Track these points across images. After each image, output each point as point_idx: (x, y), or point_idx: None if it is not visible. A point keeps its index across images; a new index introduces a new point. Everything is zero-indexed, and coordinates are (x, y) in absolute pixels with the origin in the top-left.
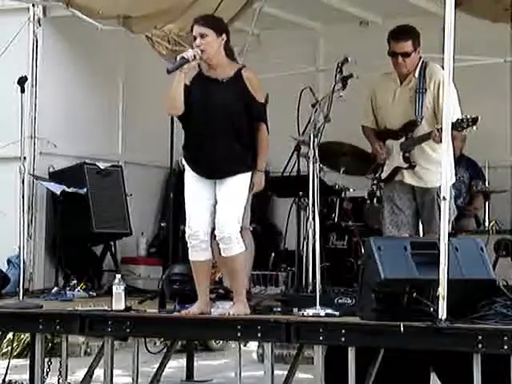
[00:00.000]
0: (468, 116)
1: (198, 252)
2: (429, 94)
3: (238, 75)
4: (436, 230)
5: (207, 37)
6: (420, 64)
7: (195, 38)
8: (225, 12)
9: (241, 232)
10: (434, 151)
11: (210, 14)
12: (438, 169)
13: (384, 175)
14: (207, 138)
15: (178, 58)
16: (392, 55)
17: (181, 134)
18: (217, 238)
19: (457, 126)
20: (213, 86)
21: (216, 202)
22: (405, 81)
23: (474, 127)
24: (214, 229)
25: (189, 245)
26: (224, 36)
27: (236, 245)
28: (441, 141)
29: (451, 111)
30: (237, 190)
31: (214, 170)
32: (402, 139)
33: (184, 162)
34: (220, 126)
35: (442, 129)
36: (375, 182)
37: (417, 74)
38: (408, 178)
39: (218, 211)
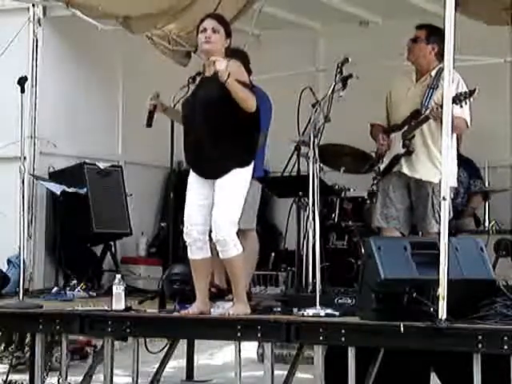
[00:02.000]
0: (466, 90)
1: (194, 251)
2: (440, 90)
3: None
4: (429, 228)
5: (218, 34)
6: (438, 67)
7: (205, 30)
8: (225, 12)
9: (246, 234)
10: (438, 149)
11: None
12: (435, 165)
13: (383, 166)
14: (196, 135)
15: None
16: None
17: (181, 134)
18: (213, 241)
19: (455, 100)
20: (203, 83)
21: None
22: (421, 79)
23: (472, 99)
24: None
25: (186, 243)
26: (228, 41)
27: (232, 247)
28: (438, 116)
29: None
30: (231, 190)
31: (206, 168)
32: (405, 128)
33: (185, 161)
34: (206, 121)
35: (441, 105)
36: (375, 175)
37: (433, 73)
38: (405, 168)
39: (213, 214)
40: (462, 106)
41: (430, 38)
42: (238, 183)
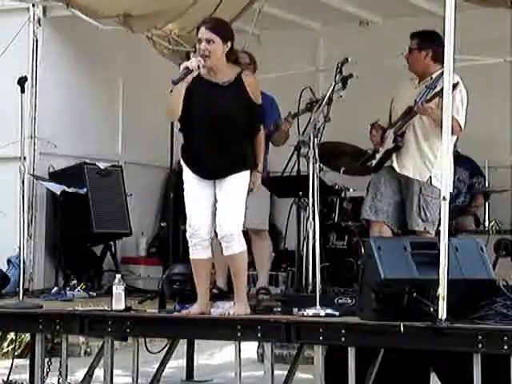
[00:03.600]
0: None
1: (199, 251)
2: (435, 90)
3: (239, 79)
4: (414, 226)
5: (213, 44)
6: (441, 71)
7: (200, 41)
8: (225, 12)
9: (261, 233)
10: (429, 147)
11: (219, 19)
12: (425, 164)
13: (374, 162)
14: (208, 140)
15: (182, 67)
16: None
17: (180, 134)
18: (218, 237)
19: (441, 94)
20: (214, 89)
21: (216, 201)
22: (422, 81)
23: (454, 91)
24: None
25: (190, 244)
26: (229, 44)
27: (237, 243)
28: (423, 111)
29: (453, 113)
30: (237, 188)
31: (214, 172)
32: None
33: (182, 162)
34: (221, 128)
35: (428, 100)
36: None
37: (434, 76)
38: (395, 163)
39: (218, 210)
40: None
41: (423, 45)
42: (243, 183)
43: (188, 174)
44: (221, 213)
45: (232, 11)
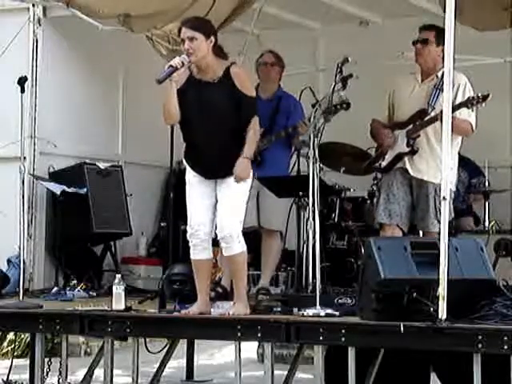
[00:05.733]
0: (479, 94)
1: (199, 251)
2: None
3: (227, 74)
4: (431, 228)
5: (196, 40)
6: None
7: (183, 41)
8: (219, 13)
9: (275, 234)
10: (441, 148)
11: (197, 16)
12: (439, 166)
13: (384, 164)
14: (204, 139)
15: (166, 66)
16: (414, 44)
17: (181, 133)
18: (218, 237)
19: (467, 103)
20: (204, 87)
21: (217, 201)
22: (427, 79)
23: (484, 104)
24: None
25: (190, 244)
26: (212, 38)
27: (237, 244)
28: None
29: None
30: (237, 189)
31: (213, 171)
32: (410, 127)
33: (184, 161)
34: (215, 126)
35: (452, 108)
36: (376, 175)
37: (439, 74)
38: (408, 166)
39: (218, 210)
40: (473, 110)
41: (439, 40)
42: (243, 183)
43: (190, 174)
44: (220, 213)
45: (227, 10)
